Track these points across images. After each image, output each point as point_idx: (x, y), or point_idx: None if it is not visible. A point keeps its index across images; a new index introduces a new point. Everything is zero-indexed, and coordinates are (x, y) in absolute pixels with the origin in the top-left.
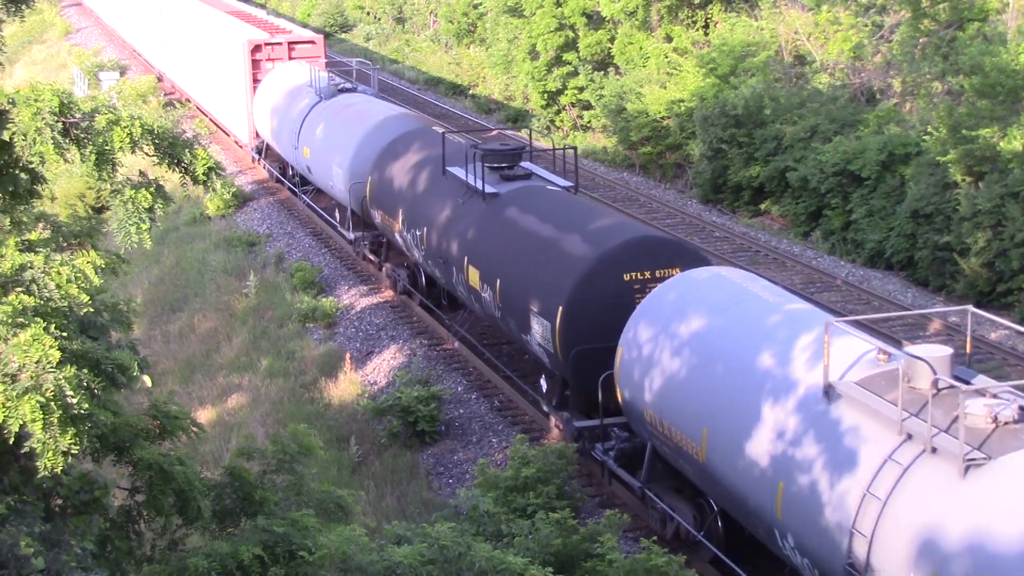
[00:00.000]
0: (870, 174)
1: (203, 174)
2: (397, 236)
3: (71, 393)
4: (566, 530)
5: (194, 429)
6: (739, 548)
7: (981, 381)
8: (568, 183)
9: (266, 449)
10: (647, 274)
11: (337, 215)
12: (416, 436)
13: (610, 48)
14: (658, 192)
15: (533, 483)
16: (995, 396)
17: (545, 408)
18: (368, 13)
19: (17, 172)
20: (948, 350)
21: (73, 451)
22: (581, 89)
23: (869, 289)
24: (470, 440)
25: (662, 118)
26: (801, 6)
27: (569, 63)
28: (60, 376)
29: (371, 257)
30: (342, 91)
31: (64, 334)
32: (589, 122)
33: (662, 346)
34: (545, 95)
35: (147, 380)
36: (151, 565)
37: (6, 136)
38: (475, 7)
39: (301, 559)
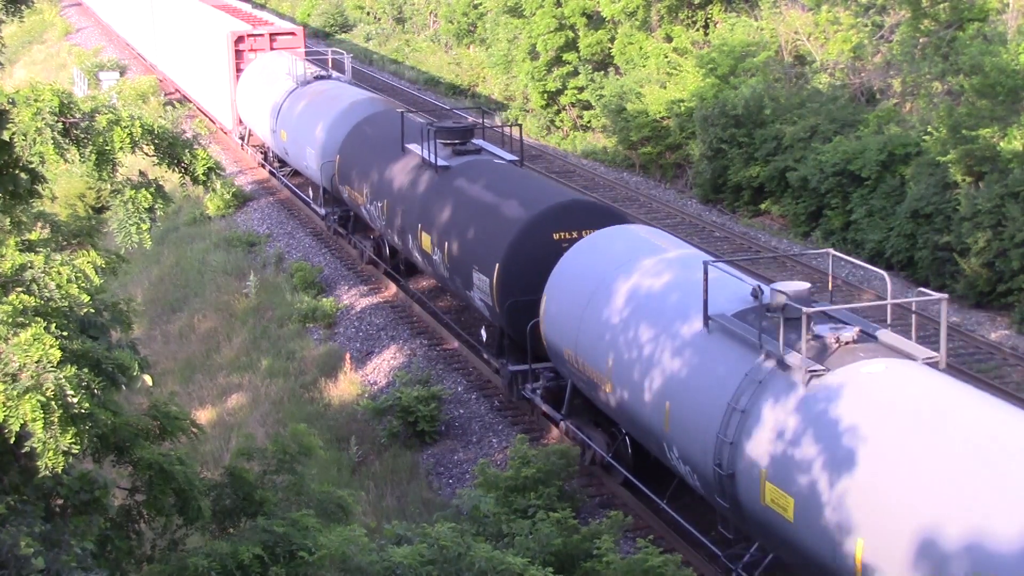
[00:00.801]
0: (870, 174)
1: (203, 174)
2: (362, 209)
3: (71, 393)
4: (566, 530)
5: (194, 430)
6: (645, 470)
7: (837, 313)
8: (514, 157)
9: (266, 449)
10: (574, 233)
11: (311, 193)
12: (416, 436)
13: (610, 48)
14: (658, 192)
15: (533, 483)
16: (842, 322)
17: (485, 355)
18: (368, 13)
19: (17, 172)
20: (806, 284)
21: (73, 451)
22: (581, 89)
23: (869, 289)
24: (470, 440)
25: (662, 118)
26: (801, 6)
27: (569, 63)
28: (60, 376)
29: (340, 230)
30: (318, 78)
31: (64, 334)
32: (589, 122)
33: (576, 293)
34: (545, 95)
35: (147, 380)
36: (151, 565)
37: (6, 136)
38: (475, 7)
39: (301, 559)
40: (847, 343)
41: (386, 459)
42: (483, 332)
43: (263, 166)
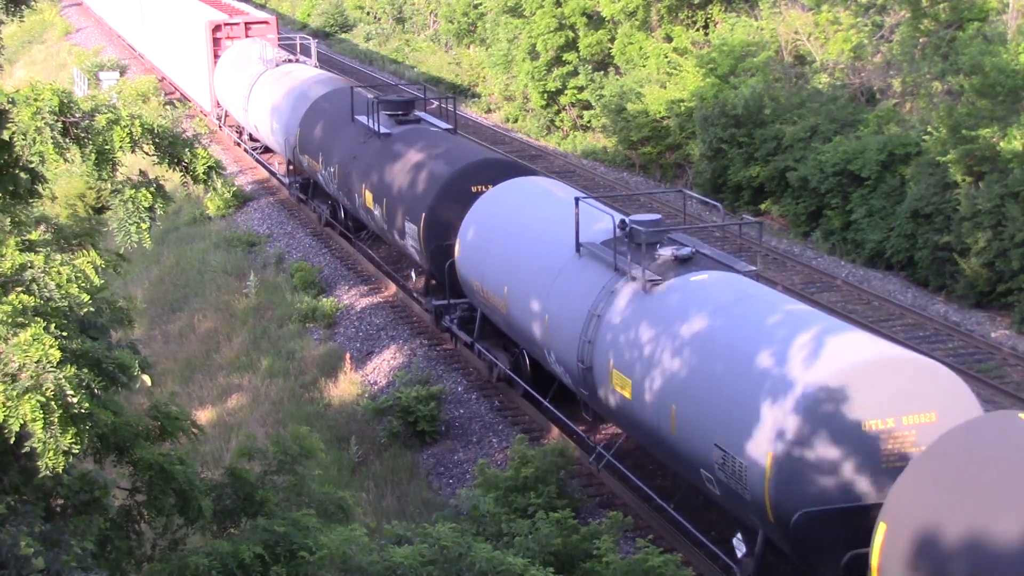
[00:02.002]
0: (870, 174)
1: (203, 173)
2: (318, 175)
3: (71, 392)
4: (566, 530)
5: (194, 430)
6: (543, 383)
7: (678, 236)
8: (448, 126)
9: (267, 450)
10: (488, 186)
11: (277, 165)
12: (416, 436)
13: (610, 48)
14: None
15: (533, 483)
16: (681, 244)
17: (415, 294)
18: (368, 13)
19: (17, 172)
20: (656, 216)
21: (74, 451)
22: (581, 89)
23: (869, 289)
24: (470, 440)
25: (662, 118)
26: (801, 6)
27: (569, 63)
28: (60, 375)
29: (301, 196)
30: (286, 62)
31: (64, 334)
32: (589, 122)
33: (482, 235)
34: (545, 95)
35: (147, 380)
36: (152, 564)
37: (6, 136)
38: (475, 7)
39: (302, 559)
40: (683, 260)
41: (386, 459)
42: (412, 274)
43: (238, 144)
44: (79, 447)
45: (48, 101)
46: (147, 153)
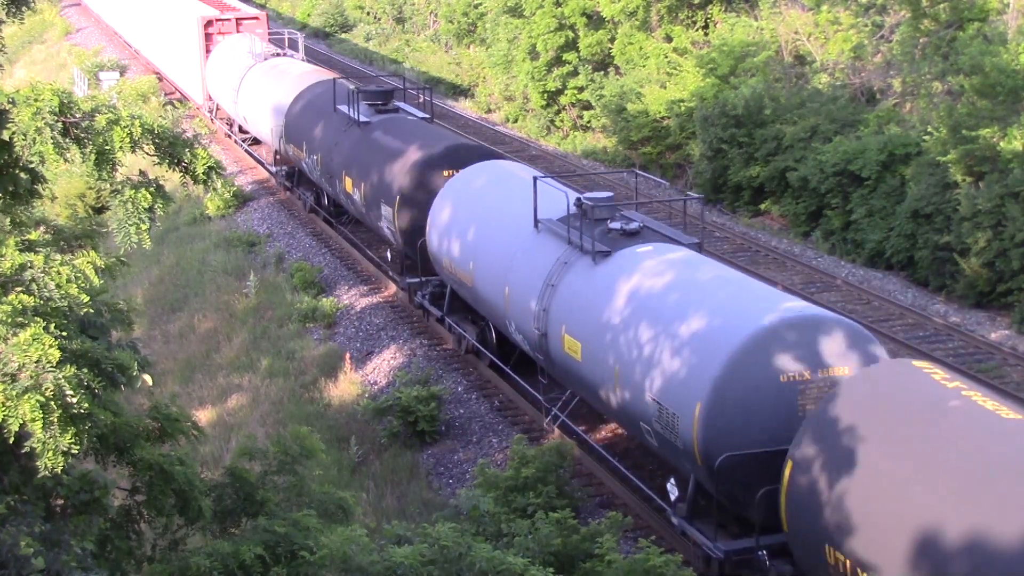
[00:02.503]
0: (870, 174)
1: (203, 173)
2: (303, 163)
3: (71, 392)
4: (566, 530)
5: (194, 432)
6: (508, 355)
7: (629, 212)
8: (426, 115)
9: (268, 450)
10: (458, 171)
11: (265, 155)
12: (416, 436)
13: (610, 48)
14: (658, 192)
15: (533, 483)
16: (630, 219)
17: (390, 272)
18: (368, 13)
19: (17, 172)
20: (608, 194)
21: (73, 451)
22: (581, 89)
23: (869, 289)
24: (470, 440)
25: (662, 118)
26: (801, 6)
27: (569, 63)
28: (60, 375)
29: (286, 183)
30: (275, 55)
31: (64, 334)
32: (589, 122)
33: (449, 214)
34: (545, 95)
35: (147, 379)
36: (152, 565)
37: (6, 136)
38: (475, 7)
39: (302, 559)
40: (631, 233)
41: (386, 459)
42: (388, 254)
43: (228, 136)
44: (79, 447)
45: (48, 101)
46: (147, 153)
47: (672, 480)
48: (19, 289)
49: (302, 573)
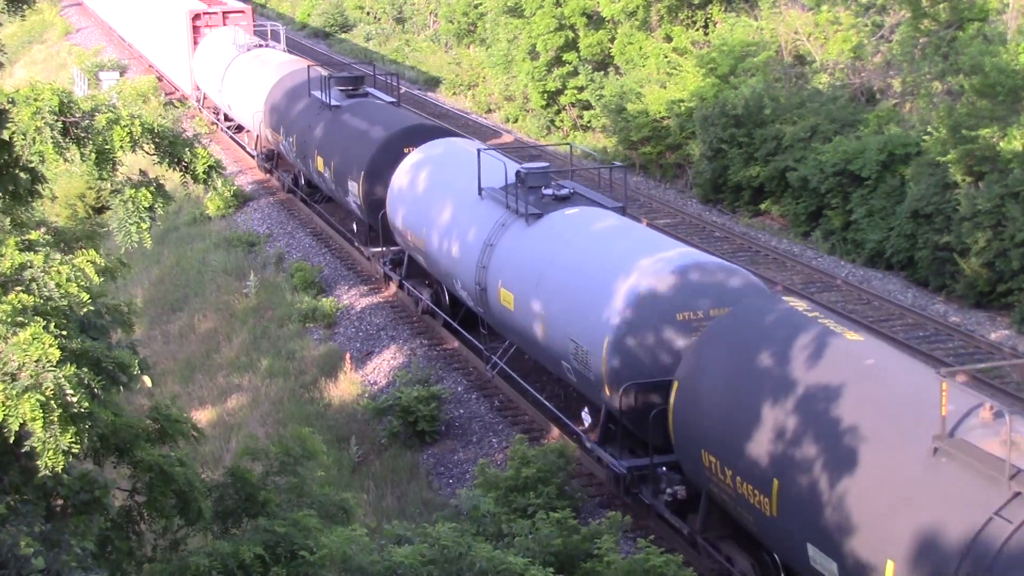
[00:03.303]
0: (870, 174)
1: (203, 173)
2: (281, 146)
3: (71, 392)
4: (567, 530)
5: (194, 434)
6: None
7: (566, 183)
8: (393, 99)
9: (269, 450)
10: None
11: (247, 140)
12: (416, 436)
13: (610, 48)
14: (658, 192)
15: (533, 483)
16: (562, 186)
17: (356, 244)
18: (368, 13)
19: (17, 172)
20: (545, 164)
21: (73, 450)
22: (581, 89)
23: (869, 289)
24: (470, 440)
25: (662, 118)
26: (801, 6)
27: (569, 63)
28: (60, 375)
29: (266, 165)
30: (257, 47)
31: (64, 333)
32: (589, 122)
33: (406, 187)
34: (545, 95)
35: (147, 381)
36: (152, 564)
37: (6, 135)
38: (475, 7)
39: (302, 559)
40: (562, 198)
41: (386, 459)
42: (354, 226)
43: (215, 124)
44: (79, 447)
45: (48, 101)
46: (147, 153)
47: (586, 409)
48: (19, 289)
49: (302, 573)
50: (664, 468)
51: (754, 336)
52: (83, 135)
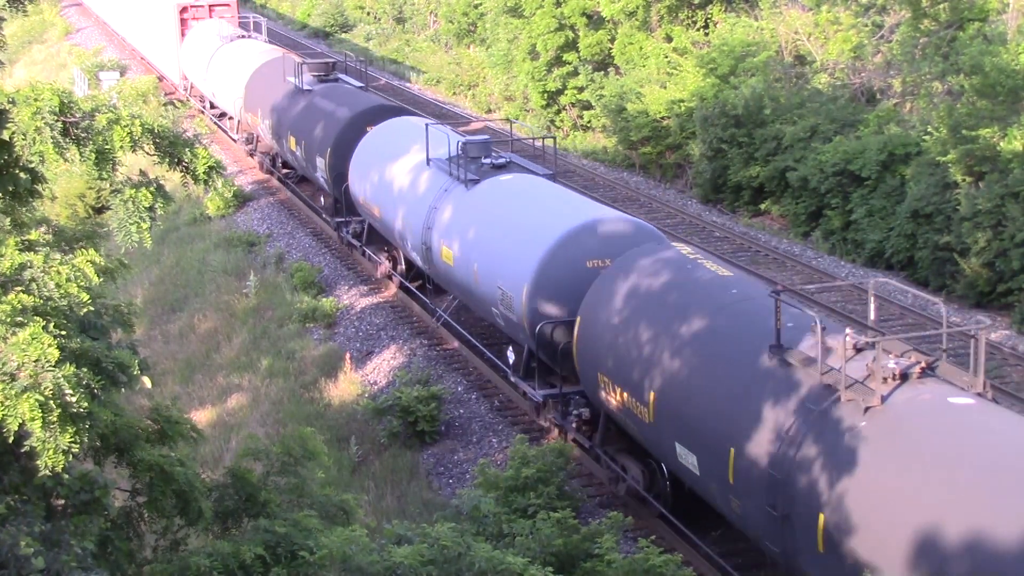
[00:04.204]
0: (870, 174)
1: (204, 173)
2: (259, 129)
3: (70, 391)
4: (567, 530)
5: (193, 435)
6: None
7: (504, 154)
8: (361, 84)
9: (270, 450)
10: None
11: (229, 125)
12: (416, 436)
13: (610, 48)
14: (658, 192)
15: (533, 483)
16: (500, 155)
17: (325, 216)
18: (368, 13)
19: (17, 172)
20: (486, 137)
21: (73, 450)
22: (581, 89)
23: (872, 291)
24: (470, 440)
25: (662, 118)
26: (801, 6)
27: (569, 63)
28: (59, 374)
29: (247, 148)
30: (240, 38)
31: (63, 333)
32: (589, 122)
33: (365, 161)
34: (545, 95)
35: (147, 382)
36: (152, 564)
37: (6, 135)
38: (475, 7)
39: (302, 559)
40: (499, 166)
41: (386, 459)
42: (322, 199)
43: (202, 112)
44: (78, 446)
45: (48, 101)
46: (147, 153)
47: (510, 348)
48: (19, 289)
49: (302, 573)
50: (576, 397)
51: (640, 274)
52: (83, 135)
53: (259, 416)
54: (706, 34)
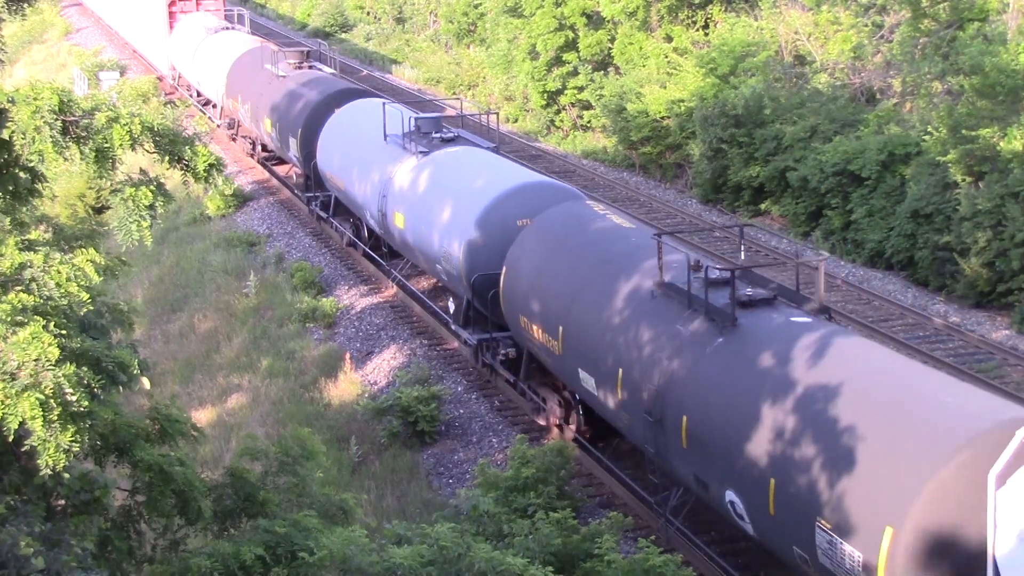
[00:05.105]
0: (870, 174)
1: (204, 171)
2: (239, 114)
3: (70, 391)
4: (566, 530)
5: (193, 433)
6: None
7: (453, 129)
8: (334, 71)
9: (269, 450)
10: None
11: (212, 111)
12: (416, 436)
13: (610, 48)
14: (658, 192)
15: (533, 483)
16: (449, 131)
17: (297, 192)
18: (368, 13)
19: (17, 171)
20: (438, 115)
21: (73, 449)
22: (581, 89)
23: (869, 289)
24: (470, 440)
25: (662, 118)
26: (801, 6)
27: (569, 63)
28: (59, 374)
29: (229, 133)
30: (224, 29)
31: (63, 332)
32: (589, 122)
33: (331, 139)
34: (545, 95)
35: (146, 382)
36: (152, 565)
37: (5, 135)
38: (475, 7)
39: (302, 560)
40: (448, 140)
41: (386, 459)
42: (294, 176)
43: (189, 99)
44: (78, 445)
45: (47, 100)
46: (147, 151)
47: (451, 299)
48: (19, 288)
49: (302, 574)
50: (505, 340)
51: (552, 227)
52: (83, 134)
53: (259, 416)
54: (706, 34)
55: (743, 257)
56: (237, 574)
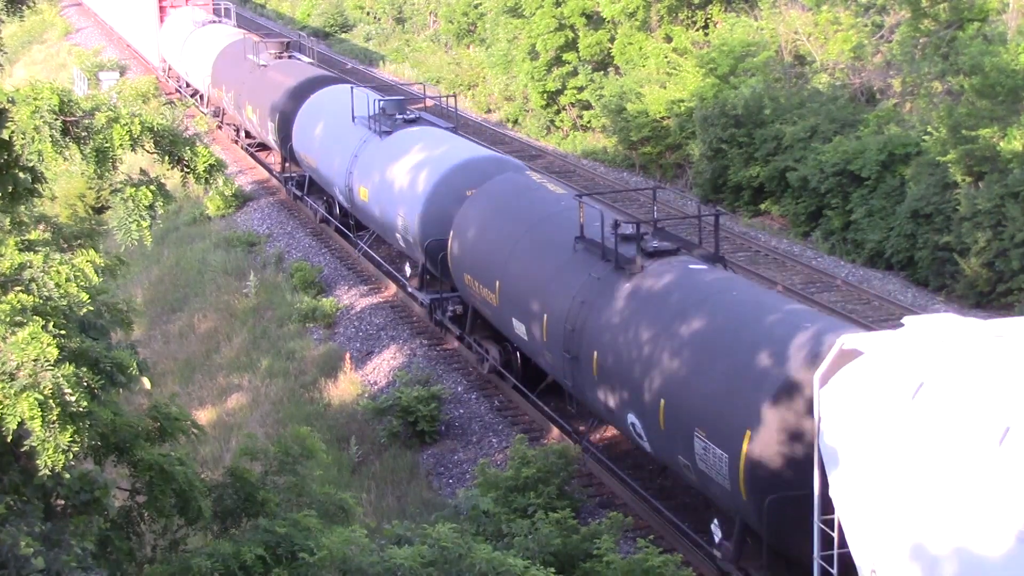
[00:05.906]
0: (870, 174)
1: (204, 171)
2: (223, 102)
3: (69, 391)
4: (566, 530)
5: (194, 431)
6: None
7: (415, 111)
8: (312, 61)
9: (268, 450)
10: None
11: (200, 100)
12: (416, 436)
13: (610, 48)
14: (658, 192)
15: (533, 483)
16: (411, 112)
17: (274, 172)
18: (368, 13)
19: (16, 171)
20: (401, 98)
21: (73, 449)
22: (581, 89)
23: (869, 289)
24: (470, 440)
25: (662, 118)
26: (801, 6)
27: (569, 63)
28: (58, 374)
29: (215, 119)
30: (211, 23)
31: (63, 332)
32: (589, 122)
33: (305, 124)
34: (545, 95)
35: (146, 382)
36: (153, 565)
37: (5, 135)
38: (475, 7)
39: (302, 560)
40: (409, 120)
41: (386, 459)
42: (272, 158)
43: (178, 91)
44: (78, 445)
45: (47, 100)
46: (147, 151)
47: (408, 263)
48: (18, 288)
49: (302, 574)
50: (454, 298)
51: (493, 194)
52: (83, 134)
53: (259, 416)
54: (706, 34)
55: (655, 216)
56: (237, 574)
